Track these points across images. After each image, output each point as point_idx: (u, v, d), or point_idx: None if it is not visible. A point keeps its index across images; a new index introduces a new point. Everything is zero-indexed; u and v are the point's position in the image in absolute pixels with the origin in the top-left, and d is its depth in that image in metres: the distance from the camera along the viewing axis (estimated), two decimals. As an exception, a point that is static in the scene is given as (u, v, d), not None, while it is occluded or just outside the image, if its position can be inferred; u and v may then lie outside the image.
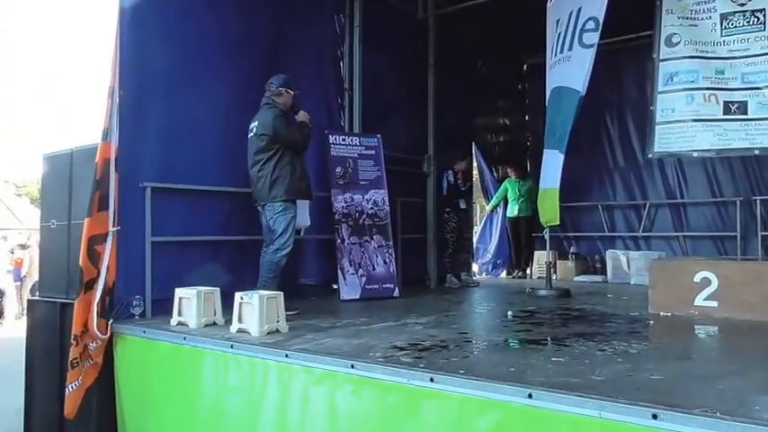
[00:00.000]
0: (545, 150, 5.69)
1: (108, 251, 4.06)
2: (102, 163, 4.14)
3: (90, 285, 4.00)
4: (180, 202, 4.67)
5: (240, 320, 3.73)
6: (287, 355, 3.16)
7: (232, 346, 3.44)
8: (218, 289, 4.14)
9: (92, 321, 3.91)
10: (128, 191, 4.28)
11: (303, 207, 4.95)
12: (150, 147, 4.50)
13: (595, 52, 5.14)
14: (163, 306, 4.31)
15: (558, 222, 5.66)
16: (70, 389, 3.90)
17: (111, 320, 4.11)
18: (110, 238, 4.08)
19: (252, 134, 4.59)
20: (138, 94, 4.39)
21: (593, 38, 5.19)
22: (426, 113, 7.09)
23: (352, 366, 2.87)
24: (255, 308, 3.65)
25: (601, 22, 5.12)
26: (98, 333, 3.94)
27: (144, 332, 3.95)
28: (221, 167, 4.96)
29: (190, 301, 3.98)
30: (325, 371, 2.97)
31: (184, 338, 3.72)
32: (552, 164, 5.51)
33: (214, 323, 4.01)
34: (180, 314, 4.03)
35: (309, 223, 5.22)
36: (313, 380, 3.03)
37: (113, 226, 4.10)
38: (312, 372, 3.03)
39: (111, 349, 4.11)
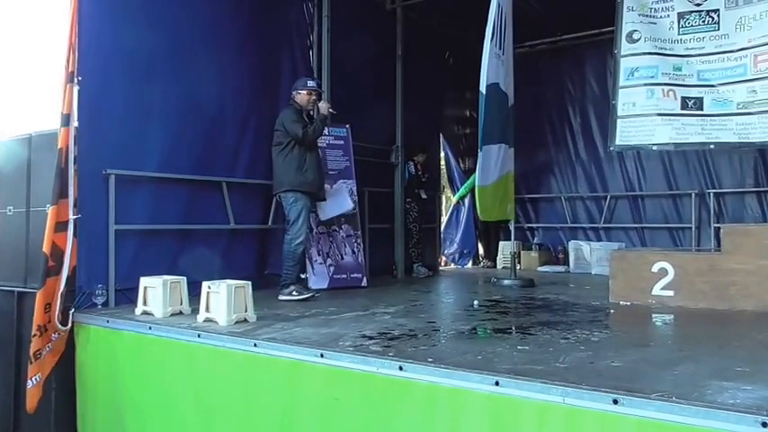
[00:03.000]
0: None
1: (69, 239, 3.96)
2: (65, 149, 4.03)
3: (51, 274, 3.90)
4: (145, 190, 4.59)
5: (207, 310, 3.69)
6: (255, 345, 3.14)
7: (199, 336, 3.40)
8: (185, 278, 4.09)
9: (54, 313, 3.82)
10: (90, 178, 4.18)
11: (341, 192, 5.57)
12: (114, 133, 4.39)
13: (487, 50, 5.23)
14: (127, 296, 4.26)
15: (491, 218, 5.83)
16: (33, 382, 3.80)
17: (73, 310, 4.01)
18: (70, 226, 3.98)
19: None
20: (100, 79, 4.28)
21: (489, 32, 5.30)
22: (394, 104, 7.10)
23: (322, 355, 2.87)
24: (223, 297, 3.61)
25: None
26: (59, 325, 3.85)
27: (107, 321, 3.87)
28: (189, 155, 4.89)
29: (155, 291, 3.92)
30: (294, 360, 2.97)
31: (150, 328, 3.66)
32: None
33: (180, 312, 3.97)
34: (145, 303, 3.96)
35: (352, 206, 5.79)
36: (281, 369, 3.02)
37: (73, 214, 3.99)
38: (281, 361, 3.02)
39: (72, 340, 4.02)
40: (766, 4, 4.92)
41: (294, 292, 4.63)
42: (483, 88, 5.19)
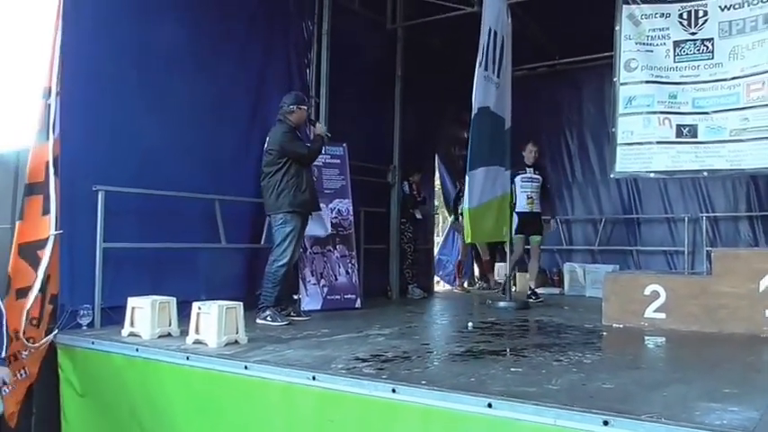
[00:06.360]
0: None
1: (47, 256, 3.83)
2: (40, 166, 3.92)
3: (24, 293, 3.77)
4: (132, 207, 4.49)
5: (197, 331, 3.64)
6: (246, 367, 3.10)
7: (188, 358, 3.35)
8: (174, 299, 4.02)
9: (20, 329, 3.68)
10: (76, 194, 4.09)
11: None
12: (100, 149, 4.33)
13: (477, 75, 5.31)
14: (113, 316, 4.16)
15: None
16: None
17: (56, 331, 3.91)
18: (50, 243, 3.84)
19: (265, 148, 4.82)
20: (85, 94, 4.23)
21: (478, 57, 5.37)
22: (392, 124, 7.11)
23: (314, 378, 2.85)
24: (214, 318, 3.57)
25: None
26: (26, 341, 3.71)
27: (92, 343, 3.78)
28: (179, 172, 4.82)
29: (143, 311, 3.85)
30: (286, 383, 2.94)
31: (137, 350, 3.59)
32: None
33: (169, 334, 3.89)
34: (132, 324, 3.89)
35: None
36: (273, 392, 2.99)
37: (55, 230, 3.88)
38: (272, 384, 2.99)
39: (55, 362, 3.90)
40: (759, 34, 5.04)
41: (268, 318, 4.52)
42: (473, 112, 5.26)
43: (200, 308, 3.67)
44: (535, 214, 6.58)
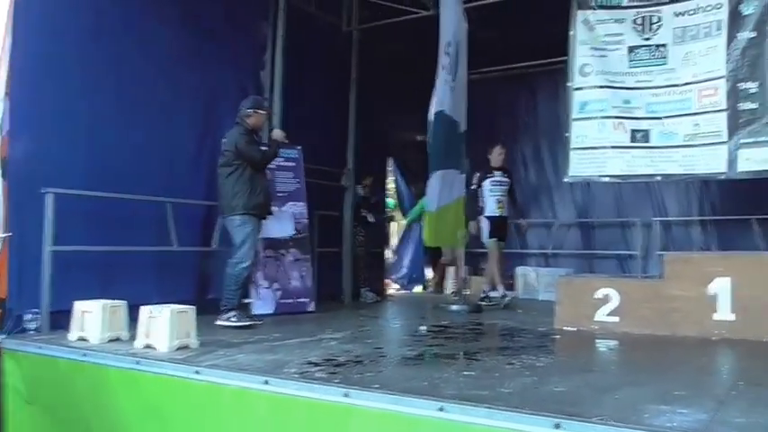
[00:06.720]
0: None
1: None
2: None
3: None
4: (81, 209, 4.39)
5: (148, 336, 3.56)
6: (197, 372, 3.05)
7: (138, 363, 3.27)
8: (125, 302, 3.92)
9: None
10: (24, 196, 3.99)
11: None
12: (48, 150, 4.23)
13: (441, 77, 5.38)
14: (61, 321, 4.02)
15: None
16: None
17: (2, 336, 3.79)
18: None
19: (221, 149, 4.79)
20: (35, 94, 4.14)
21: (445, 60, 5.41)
22: (347, 127, 7.09)
23: (266, 382, 2.82)
24: (165, 322, 3.50)
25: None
26: None
27: (39, 348, 3.66)
28: (128, 174, 4.73)
29: (93, 315, 3.74)
30: (238, 387, 2.90)
31: (84, 354, 3.48)
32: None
33: (118, 338, 3.79)
34: (81, 329, 3.77)
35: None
36: (225, 397, 2.93)
37: (3, 232, 3.80)
38: (224, 389, 2.94)
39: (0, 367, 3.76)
40: (712, 40, 5.14)
41: (233, 318, 4.48)
42: (431, 116, 5.28)
43: (150, 311, 3.59)
44: (504, 218, 6.57)
